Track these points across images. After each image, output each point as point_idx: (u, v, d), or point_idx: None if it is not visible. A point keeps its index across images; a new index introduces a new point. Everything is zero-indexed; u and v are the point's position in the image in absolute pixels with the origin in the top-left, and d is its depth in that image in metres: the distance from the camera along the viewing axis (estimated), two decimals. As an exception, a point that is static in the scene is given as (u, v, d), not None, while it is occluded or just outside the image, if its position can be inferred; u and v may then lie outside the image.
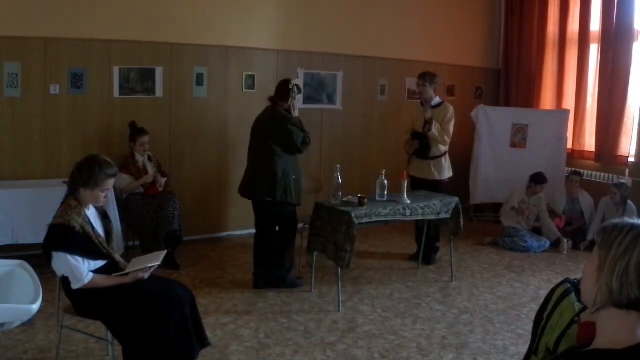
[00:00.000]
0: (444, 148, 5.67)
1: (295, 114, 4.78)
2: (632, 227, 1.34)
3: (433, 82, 5.61)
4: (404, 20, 7.26)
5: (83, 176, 3.05)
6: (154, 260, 3.17)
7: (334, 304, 4.56)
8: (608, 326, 1.34)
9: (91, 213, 3.16)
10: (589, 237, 6.32)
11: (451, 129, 5.59)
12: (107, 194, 3.18)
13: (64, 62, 5.35)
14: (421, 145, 5.60)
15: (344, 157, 6.76)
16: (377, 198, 4.84)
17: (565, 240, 6.28)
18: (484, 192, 7.40)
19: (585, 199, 6.67)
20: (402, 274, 5.41)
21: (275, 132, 4.66)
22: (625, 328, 1.32)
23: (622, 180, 6.53)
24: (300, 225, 5.00)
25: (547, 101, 7.80)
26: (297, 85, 4.85)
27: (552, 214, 6.67)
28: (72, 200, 3.05)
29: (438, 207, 4.95)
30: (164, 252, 3.31)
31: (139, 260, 3.25)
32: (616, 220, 1.39)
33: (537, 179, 6.48)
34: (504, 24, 8.19)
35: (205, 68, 6.09)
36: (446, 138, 5.59)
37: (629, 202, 6.27)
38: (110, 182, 3.13)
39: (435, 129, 5.49)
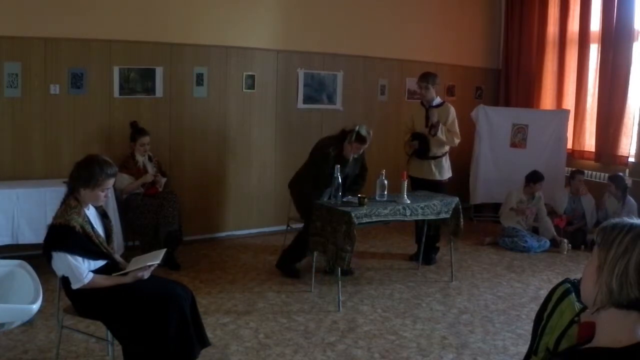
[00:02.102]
0: (445, 148, 5.68)
1: (349, 157, 5.05)
2: (632, 227, 1.33)
3: (435, 83, 5.62)
4: (404, 20, 7.27)
5: (83, 176, 3.04)
6: (154, 259, 3.17)
7: (334, 304, 4.56)
8: (608, 326, 1.34)
9: (91, 213, 3.16)
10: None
11: (456, 128, 5.63)
12: (107, 194, 3.18)
13: (64, 62, 5.35)
14: (421, 145, 5.60)
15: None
16: (377, 198, 4.85)
17: (565, 241, 6.28)
18: (484, 192, 7.40)
19: (586, 199, 6.66)
20: (402, 274, 5.41)
21: (309, 156, 5.23)
22: (625, 328, 1.31)
23: (619, 173, 6.51)
24: None
25: (547, 101, 7.80)
26: (358, 133, 4.98)
27: (554, 213, 6.67)
28: (72, 200, 3.04)
29: (438, 207, 4.95)
30: (164, 251, 3.30)
31: (139, 259, 3.25)
32: (615, 220, 1.38)
33: (534, 178, 6.46)
34: (504, 24, 8.19)
35: (205, 68, 6.09)
36: (455, 139, 5.63)
37: (629, 197, 6.27)
38: (110, 182, 3.13)
39: (441, 133, 5.52)
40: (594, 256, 1.37)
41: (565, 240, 6.30)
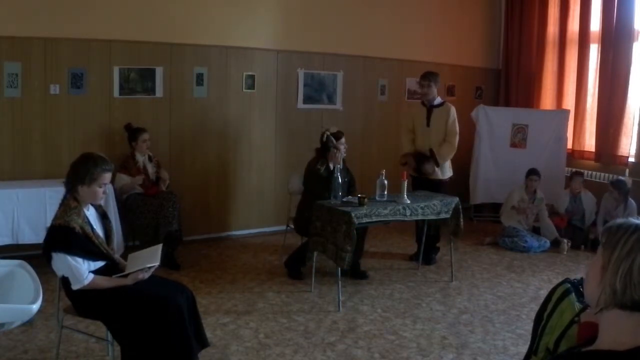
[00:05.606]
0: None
1: (339, 161, 5.05)
2: (637, 227, 1.32)
3: (437, 82, 5.65)
4: (404, 20, 7.27)
5: (79, 173, 3.03)
6: (152, 257, 3.16)
7: (334, 304, 4.56)
8: (611, 327, 1.33)
9: (91, 213, 3.15)
10: (598, 229, 6.29)
11: (456, 128, 5.63)
12: (104, 190, 3.15)
13: (64, 62, 5.36)
14: (419, 163, 5.61)
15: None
16: (377, 198, 4.85)
17: (565, 241, 6.28)
18: (484, 192, 7.40)
19: (587, 198, 6.66)
20: (402, 274, 5.41)
21: (304, 186, 5.30)
22: (629, 329, 1.30)
23: (621, 178, 6.51)
24: None
25: (547, 101, 7.80)
26: (331, 134, 5.11)
27: (555, 213, 6.66)
28: (72, 201, 3.04)
29: (438, 207, 4.95)
30: (160, 247, 3.29)
31: (136, 256, 3.25)
32: (621, 220, 1.37)
33: (528, 172, 6.51)
34: (504, 24, 8.19)
35: (205, 68, 6.09)
36: (454, 142, 5.61)
37: (630, 199, 6.27)
38: (107, 177, 3.11)
39: (442, 161, 5.57)
40: (598, 256, 1.36)
41: (566, 240, 6.30)
